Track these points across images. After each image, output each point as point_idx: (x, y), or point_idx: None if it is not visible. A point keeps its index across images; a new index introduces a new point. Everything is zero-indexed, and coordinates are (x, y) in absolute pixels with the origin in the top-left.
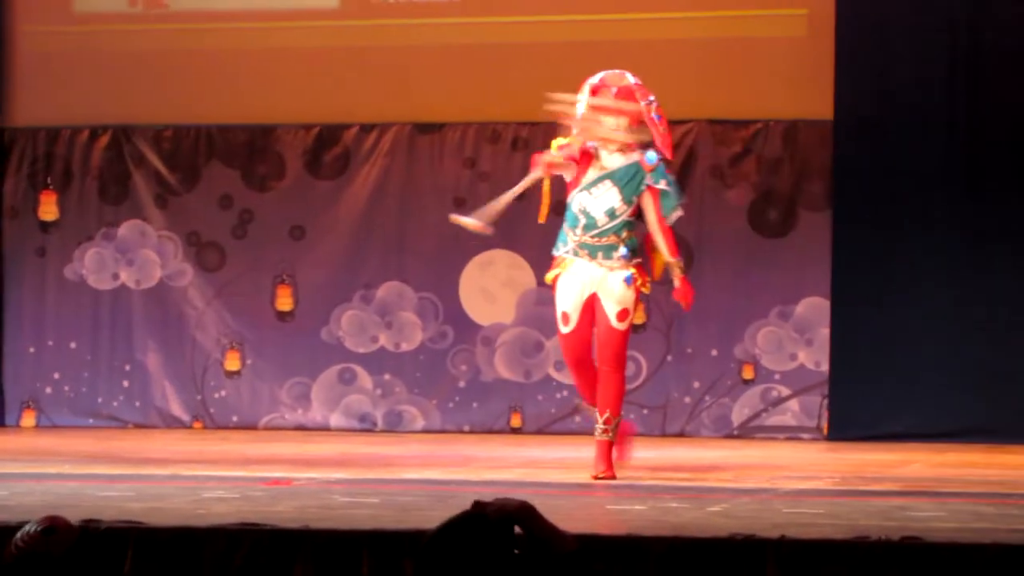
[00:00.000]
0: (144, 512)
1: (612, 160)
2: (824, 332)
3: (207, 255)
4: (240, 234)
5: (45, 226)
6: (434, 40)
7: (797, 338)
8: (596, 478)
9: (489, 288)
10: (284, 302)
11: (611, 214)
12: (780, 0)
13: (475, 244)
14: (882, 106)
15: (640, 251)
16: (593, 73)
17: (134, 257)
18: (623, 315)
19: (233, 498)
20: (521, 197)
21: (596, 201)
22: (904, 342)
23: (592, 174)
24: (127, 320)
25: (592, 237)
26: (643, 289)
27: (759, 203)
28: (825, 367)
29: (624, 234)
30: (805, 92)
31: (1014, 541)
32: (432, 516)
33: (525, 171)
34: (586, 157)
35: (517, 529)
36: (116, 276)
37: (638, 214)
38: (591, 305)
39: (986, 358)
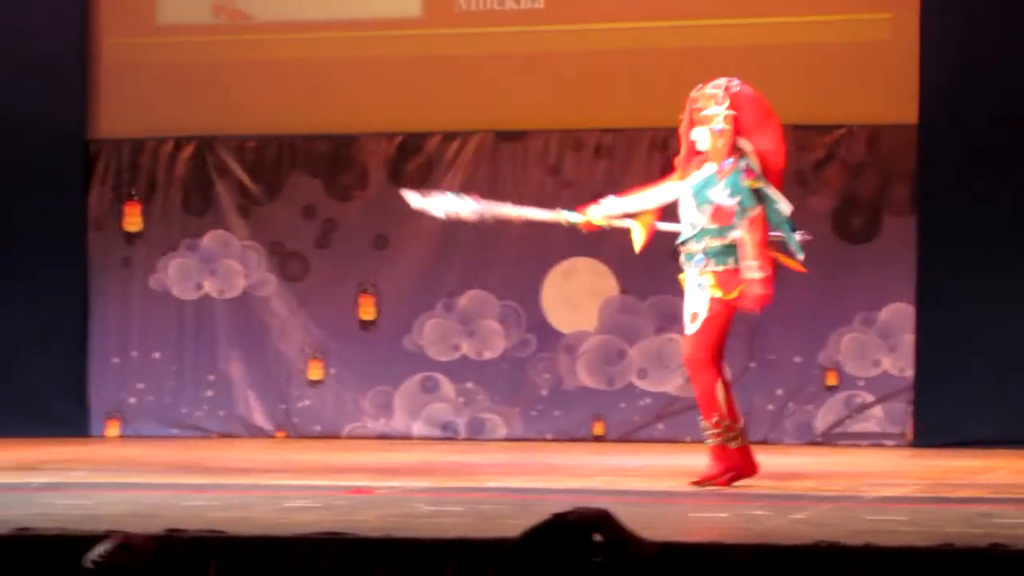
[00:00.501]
0: (227, 521)
1: (699, 171)
2: (908, 338)
3: (290, 265)
4: (323, 244)
5: (129, 237)
6: (516, 48)
7: (881, 344)
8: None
9: (572, 296)
10: (367, 311)
11: (692, 225)
12: (863, 4)
13: (558, 252)
14: (967, 109)
15: (722, 258)
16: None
17: (217, 267)
18: (694, 318)
19: (316, 507)
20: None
21: (682, 217)
22: (989, 348)
23: (682, 189)
24: (211, 330)
25: (681, 245)
26: (725, 296)
27: (843, 209)
28: (909, 373)
29: (705, 242)
30: (889, 96)
31: None
32: (515, 524)
33: (609, 178)
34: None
35: (597, 537)
36: (199, 286)
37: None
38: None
39: None
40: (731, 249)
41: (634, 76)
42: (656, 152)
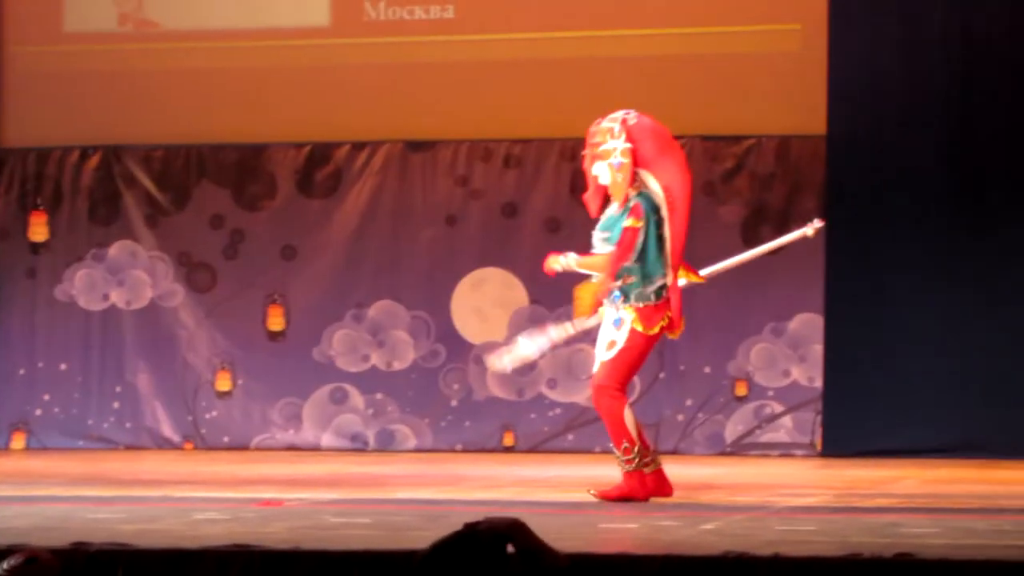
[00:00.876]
0: (135, 534)
1: (610, 207)
2: (817, 348)
3: (198, 275)
4: (231, 254)
5: (35, 247)
6: (425, 58)
7: (790, 354)
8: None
9: (481, 307)
10: (275, 322)
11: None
12: (773, 15)
13: (467, 263)
14: (875, 121)
15: (642, 295)
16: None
17: (124, 278)
18: (611, 345)
19: (224, 519)
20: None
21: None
22: (897, 358)
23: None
24: (118, 341)
25: None
26: (635, 326)
27: (752, 219)
28: (818, 383)
29: (622, 279)
30: (798, 107)
31: (1007, 557)
32: (424, 536)
33: (518, 188)
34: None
35: (509, 547)
36: (106, 297)
37: (643, 256)
38: None
39: (979, 374)
40: (650, 284)
41: (544, 86)
42: (565, 163)
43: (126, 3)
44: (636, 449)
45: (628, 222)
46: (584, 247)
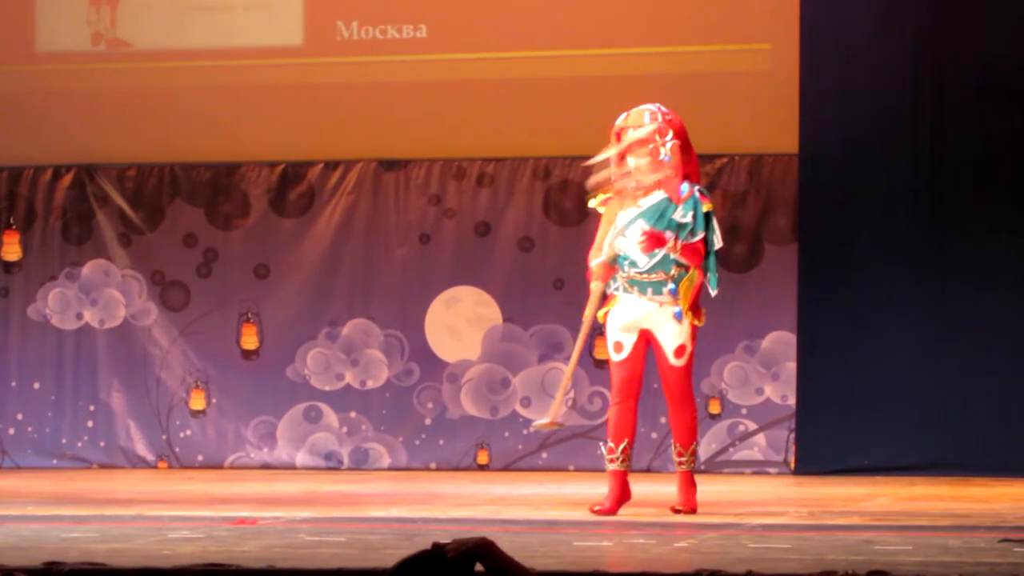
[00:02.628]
0: (108, 553)
1: (646, 199)
2: (790, 366)
3: (171, 294)
4: (205, 273)
5: (8, 266)
6: (398, 77)
7: (764, 372)
8: (675, 511)
9: (455, 325)
10: (249, 340)
11: (651, 253)
12: (744, 35)
13: (441, 281)
14: (847, 139)
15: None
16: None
17: (98, 297)
18: (680, 351)
19: (198, 538)
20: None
21: (631, 242)
22: (870, 376)
23: (625, 216)
24: (91, 360)
25: (639, 274)
26: (696, 322)
27: (725, 237)
28: (792, 401)
29: (673, 270)
30: (770, 126)
31: (980, 574)
32: (398, 555)
33: (492, 207)
34: (619, 195)
35: (478, 566)
36: (80, 316)
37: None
38: (645, 339)
39: (952, 391)
40: (689, 276)
41: (517, 105)
42: (538, 181)
43: (99, 23)
44: (694, 452)
45: (705, 206)
46: (556, 265)
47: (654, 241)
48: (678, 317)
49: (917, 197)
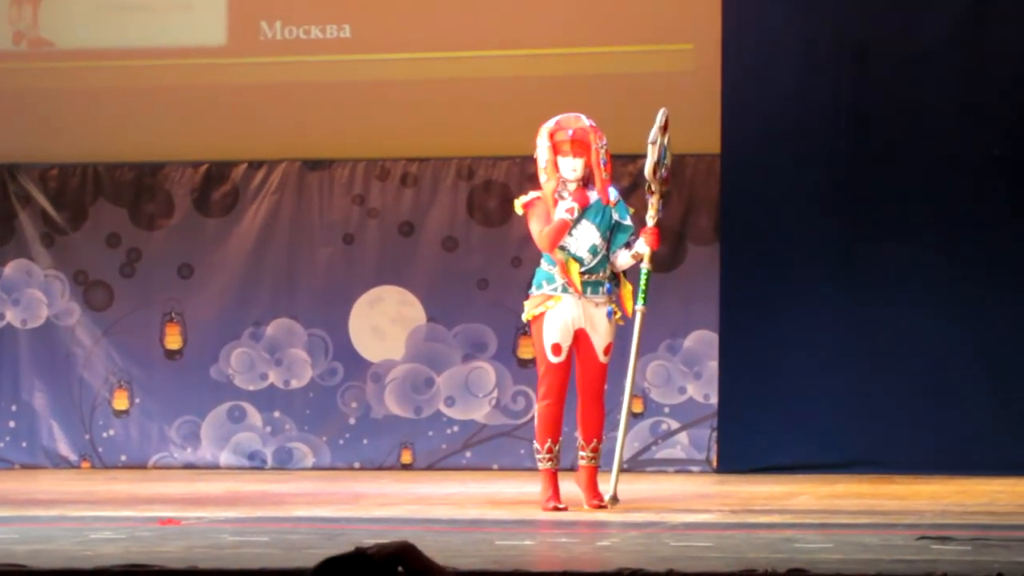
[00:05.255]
0: (28, 555)
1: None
2: (712, 365)
3: (95, 294)
4: (128, 272)
5: None
6: (322, 77)
7: (686, 371)
8: (600, 506)
9: (379, 325)
10: (173, 340)
11: (594, 251)
12: (666, 35)
13: (364, 281)
14: (768, 140)
15: (616, 286)
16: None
17: (20, 297)
18: (608, 349)
19: (121, 539)
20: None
21: (578, 241)
22: (792, 375)
23: (569, 217)
24: (13, 360)
25: (581, 273)
26: (619, 322)
27: None
28: (714, 400)
29: (608, 270)
30: (692, 126)
31: (899, 572)
32: (321, 554)
33: (415, 207)
34: (554, 201)
35: (400, 570)
36: (2, 316)
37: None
38: (576, 339)
39: (872, 389)
40: (614, 277)
41: (440, 105)
42: (462, 181)
43: (20, 21)
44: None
45: (632, 210)
46: (480, 264)
47: (655, 236)
48: (609, 316)
49: (838, 197)
